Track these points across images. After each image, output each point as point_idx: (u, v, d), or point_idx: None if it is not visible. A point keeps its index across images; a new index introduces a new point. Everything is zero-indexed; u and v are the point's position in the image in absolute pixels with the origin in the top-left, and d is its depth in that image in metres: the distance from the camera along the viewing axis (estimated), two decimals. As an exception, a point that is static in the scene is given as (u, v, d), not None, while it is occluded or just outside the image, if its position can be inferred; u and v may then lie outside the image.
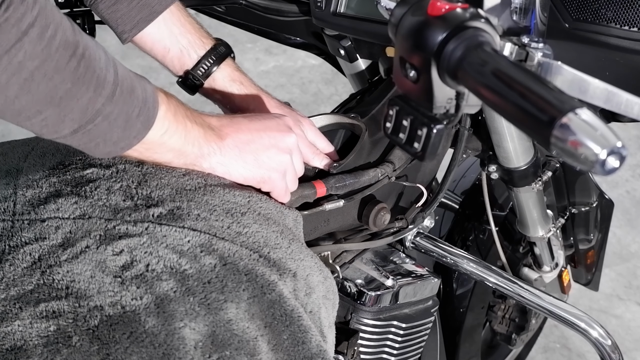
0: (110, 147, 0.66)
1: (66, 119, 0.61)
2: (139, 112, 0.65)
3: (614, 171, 0.51)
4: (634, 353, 2.04)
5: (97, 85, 0.61)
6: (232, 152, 0.76)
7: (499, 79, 0.56)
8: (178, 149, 0.72)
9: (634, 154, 2.71)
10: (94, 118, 0.62)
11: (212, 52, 0.90)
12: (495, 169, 1.09)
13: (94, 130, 0.63)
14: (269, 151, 0.78)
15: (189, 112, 0.73)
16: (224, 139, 0.76)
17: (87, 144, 0.64)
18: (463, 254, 1.13)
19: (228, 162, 0.76)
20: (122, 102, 0.64)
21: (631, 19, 0.84)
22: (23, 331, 0.61)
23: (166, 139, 0.70)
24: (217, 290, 0.66)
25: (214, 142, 0.75)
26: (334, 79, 2.99)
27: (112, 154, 0.67)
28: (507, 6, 0.78)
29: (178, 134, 0.71)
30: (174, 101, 0.71)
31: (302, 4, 1.12)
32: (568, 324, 1.11)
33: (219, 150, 0.75)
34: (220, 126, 0.76)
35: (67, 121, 0.61)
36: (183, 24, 0.88)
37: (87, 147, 0.65)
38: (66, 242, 0.66)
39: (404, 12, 0.62)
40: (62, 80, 0.59)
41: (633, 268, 2.31)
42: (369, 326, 1.03)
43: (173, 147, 0.71)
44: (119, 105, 0.63)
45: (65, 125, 0.61)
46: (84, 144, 0.65)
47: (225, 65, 0.91)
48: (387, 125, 0.67)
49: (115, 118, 0.63)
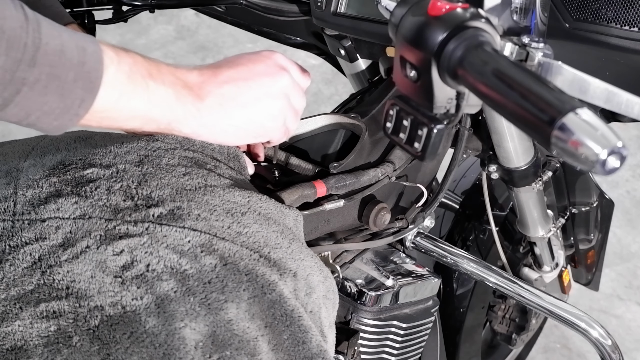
0: (56, 120, 0.60)
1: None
2: (74, 77, 0.59)
3: (615, 171, 0.51)
4: (634, 353, 2.04)
5: (8, 48, 0.54)
6: (215, 113, 0.69)
7: (500, 78, 0.56)
8: (142, 114, 0.65)
9: (634, 154, 2.71)
10: (19, 89, 0.56)
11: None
12: (496, 169, 1.09)
13: (24, 102, 0.57)
14: (261, 102, 0.72)
15: (156, 69, 0.66)
16: (204, 98, 0.69)
17: (26, 118, 0.59)
18: (463, 254, 1.14)
19: (212, 124, 0.70)
20: (49, 65, 0.57)
21: (631, 19, 0.84)
22: (23, 331, 0.61)
23: (123, 105, 0.63)
24: (217, 290, 0.66)
25: (189, 104, 0.68)
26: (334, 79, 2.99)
27: (65, 127, 0.61)
28: (507, 6, 0.78)
29: (138, 97, 0.64)
30: (129, 59, 0.64)
31: (302, 4, 1.12)
32: (568, 324, 1.11)
33: (197, 113, 0.68)
34: (201, 83, 0.69)
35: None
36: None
37: (32, 123, 0.59)
38: (66, 242, 0.66)
39: (404, 12, 0.62)
40: None
41: (633, 268, 2.31)
42: (369, 326, 1.03)
43: (136, 113, 0.65)
44: (45, 69, 0.56)
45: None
46: (24, 120, 0.59)
47: None
48: (387, 125, 0.67)
49: (44, 85, 0.57)
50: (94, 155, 0.73)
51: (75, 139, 0.77)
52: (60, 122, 0.60)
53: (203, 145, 0.79)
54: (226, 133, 0.72)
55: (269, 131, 0.75)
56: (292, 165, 0.92)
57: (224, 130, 0.71)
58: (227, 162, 0.80)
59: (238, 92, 0.71)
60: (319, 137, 0.96)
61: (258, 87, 0.72)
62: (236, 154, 0.82)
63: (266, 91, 0.73)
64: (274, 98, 0.73)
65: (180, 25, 3.32)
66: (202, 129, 0.70)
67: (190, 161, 0.75)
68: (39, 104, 0.58)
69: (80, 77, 0.59)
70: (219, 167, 0.77)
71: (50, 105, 0.58)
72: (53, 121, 0.60)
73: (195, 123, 0.69)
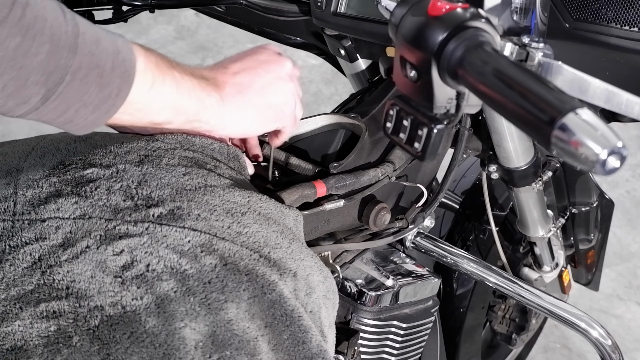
0: (93, 113, 0.60)
1: (29, 82, 0.54)
2: (112, 65, 0.59)
3: (615, 171, 0.51)
4: (634, 353, 2.04)
5: (52, 35, 0.54)
6: (236, 100, 0.71)
7: (500, 79, 0.56)
8: (172, 104, 0.66)
9: (634, 154, 2.71)
10: (62, 77, 0.56)
11: None
12: (496, 169, 1.09)
13: (66, 92, 0.56)
14: (274, 86, 0.74)
15: (175, 64, 0.67)
16: (223, 87, 0.70)
17: (65, 112, 0.58)
18: (463, 254, 1.14)
19: (236, 111, 0.71)
20: (89, 53, 0.57)
21: (631, 19, 0.84)
22: (23, 331, 0.61)
23: (155, 94, 0.64)
24: (217, 290, 0.66)
25: (213, 92, 0.69)
26: (334, 79, 2.99)
27: (99, 122, 0.60)
28: (507, 6, 0.78)
29: (168, 87, 0.65)
30: (153, 53, 0.65)
31: (302, 4, 1.12)
32: (568, 324, 1.11)
33: (221, 101, 0.70)
34: (215, 75, 0.71)
35: (31, 85, 0.54)
36: None
37: (69, 119, 0.59)
38: (66, 242, 0.66)
39: (405, 12, 0.62)
40: (8, 33, 0.52)
41: (633, 268, 2.31)
42: (369, 326, 1.03)
43: (166, 103, 0.65)
44: (86, 57, 0.57)
45: (31, 91, 0.55)
46: (63, 115, 0.58)
47: None
48: (387, 125, 0.67)
49: (85, 74, 0.57)
50: (94, 155, 0.73)
51: (75, 139, 0.77)
52: (98, 114, 0.60)
53: (203, 145, 0.79)
54: (249, 119, 0.73)
55: (284, 116, 0.76)
56: (292, 165, 0.92)
57: (246, 117, 0.72)
58: (227, 162, 0.80)
59: (251, 79, 0.72)
60: (319, 137, 0.96)
61: (267, 73, 0.74)
62: (236, 154, 0.82)
63: (276, 75, 0.74)
64: (284, 81, 0.75)
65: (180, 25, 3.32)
66: (227, 118, 0.71)
67: (190, 161, 0.75)
68: (80, 94, 0.57)
69: (117, 65, 0.59)
70: (219, 167, 0.77)
71: (90, 96, 0.58)
72: (90, 114, 0.59)
73: (221, 111, 0.70)
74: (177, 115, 0.68)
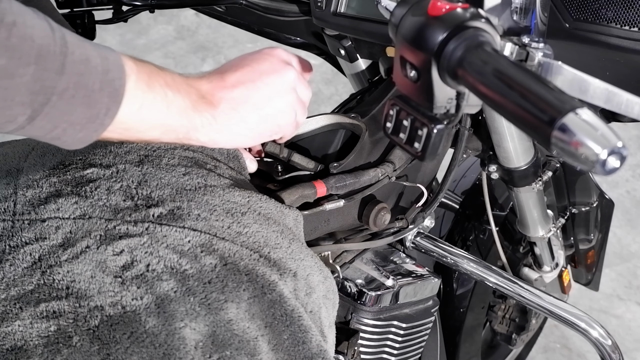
0: (81, 132, 0.59)
1: (14, 103, 0.53)
2: (100, 85, 0.58)
3: (615, 171, 0.51)
4: (634, 353, 2.04)
5: (38, 56, 0.54)
6: (230, 118, 0.70)
7: (500, 79, 0.56)
8: (162, 123, 0.65)
9: (634, 154, 2.71)
10: (48, 98, 0.55)
11: None
12: (496, 169, 1.09)
13: (52, 112, 0.56)
14: (272, 100, 0.72)
15: (170, 79, 0.66)
16: (217, 105, 0.69)
17: (52, 131, 0.57)
18: (463, 254, 1.13)
19: (228, 130, 0.70)
20: (77, 74, 0.56)
21: (631, 19, 0.84)
22: (23, 331, 0.61)
23: (144, 114, 0.63)
24: (217, 290, 0.66)
25: (205, 112, 0.68)
26: (334, 79, 2.99)
27: (89, 140, 0.60)
28: (507, 6, 0.78)
29: (157, 107, 0.64)
30: (147, 69, 0.64)
31: (302, 4, 1.12)
32: (568, 324, 1.11)
33: (213, 120, 0.69)
34: (212, 89, 0.70)
35: (16, 106, 0.54)
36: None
37: (56, 136, 0.58)
38: (66, 242, 0.66)
39: (405, 12, 0.62)
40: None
41: (633, 268, 2.31)
42: (369, 326, 1.03)
43: (156, 123, 0.64)
44: (74, 77, 0.56)
45: (17, 111, 0.54)
46: (50, 133, 0.58)
47: None
48: (387, 125, 0.67)
49: (72, 95, 0.56)
50: (94, 155, 0.73)
51: (75, 139, 0.76)
52: (85, 133, 0.59)
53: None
54: (241, 136, 0.72)
55: (282, 128, 0.75)
56: (294, 162, 0.92)
57: (239, 134, 0.71)
58: (227, 162, 0.80)
59: (248, 94, 0.71)
60: (319, 137, 0.96)
61: (266, 86, 0.72)
62: (236, 154, 0.82)
63: (275, 89, 0.73)
64: (283, 94, 0.73)
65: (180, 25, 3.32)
66: (219, 136, 0.70)
67: (190, 161, 0.75)
68: (67, 114, 0.57)
69: (105, 85, 0.58)
70: (219, 167, 0.77)
71: (77, 116, 0.57)
72: (78, 132, 0.58)
73: (212, 130, 0.69)
74: (167, 134, 0.67)
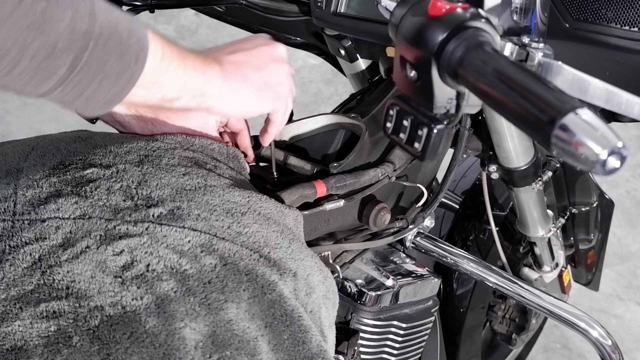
0: (115, 86, 0.60)
1: (57, 50, 0.54)
2: (128, 33, 0.60)
3: (615, 171, 0.51)
4: (635, 353, 2.04)
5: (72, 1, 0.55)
6: (235, 76, 0.73)
7: (500, 79, 0.56)
8: (181, 76, 0.67)
9: (634, 154, 2.71)
10: (87, 43, 0.56)
11: None
12: (496, 169, 1.09)
13: (90, 61, 0.57)
14: (270, 65, 0.76)
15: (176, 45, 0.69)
16: (222, 64, 0.73)
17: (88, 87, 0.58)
18: (463, 254, 1.13)
19: (235, 86, 0.73)
20: (106, 20, 0.58)
21: (631, 19, 0.84)
22: (23, 331, 0.61)
23: (166, 65, 0.65)
24: (217, 290, 0.66)
25: (215, 67, 0.71)
26: (334, 79, 2.99)
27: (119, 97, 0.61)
28: (507, 6, 0.78)
29: (176, 58, 0.66)
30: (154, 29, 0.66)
31: (302, 4, 1.12)
32: (568, 324, 1.11)
33: (222, 74, 0.72)
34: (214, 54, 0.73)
35: (58, 54, 0.54)
36: None
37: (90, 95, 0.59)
38: (66, 242, 0.66)
39: (405, 12, 0.62)
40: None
41: (633, 268, 2.31)
42: (369, 326, 1.03)
43: (176, 76, 0.67)
44: (105, 23, 0.57)
45: (59, 61, 0.55)
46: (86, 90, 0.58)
47: None
48: (387, 125, 0.67)
49: (106, 41, 0.57)
50: (94, 155, 0.73)
51: (75, 139, 0.77)
52: (118, 88, 0.60)
53: (203, 145, 0.79)
54: (247, 96, 0.74)
55: (280, 96, 0.78)
56: (290, 165, 0.92)
57: (245, 92, 0.74)
58: (227, 162, 0.80)
59: (247, 58, 0.75)
60: (319, 137, 0.96)
61: (262, 54, 0.76)
62: (235, 154, 0.82)
63: (270, 56, 0.77)
64: (278, 62, 0.77)
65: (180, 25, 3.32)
66: (227, 92, 0.72)
67: (190, 161, 0.75)
68: (103, 62, 0.58)
69: (132, 33, 0.60)
70: (219, 167, 0.77)
71: (111, 65, 0.58)
72: (112, 87, 0.60)
73: (222, 84, 0.72)
74: (185, 89, 0.69)
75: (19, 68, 0.54)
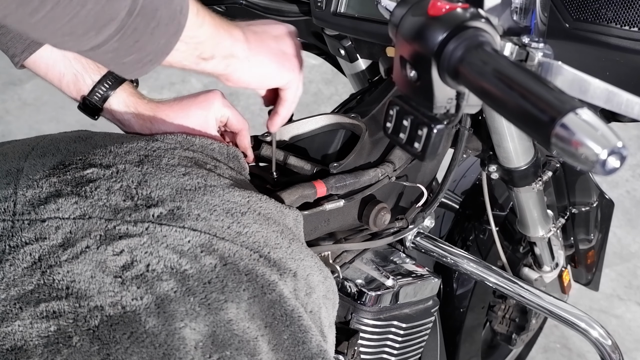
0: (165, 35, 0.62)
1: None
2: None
3: (615, 171, 0.51)
4: (635, 353, 2.04)
5: None
6: (256, 41, 0.77)
7: (500, 79, 0.56)
8: (214, 33, 0.70)
9: (634, 154, 2.71)
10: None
11: (107, 77, 0.84)
12: (496, 169, 1.09)
13: (146, 5, 0.59)
14: (285, 38, 0.80)
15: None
16: (244, 29, 0.76)
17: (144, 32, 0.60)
18: (463, 254, 1.13)
19: (257, 51, 0.76)
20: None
21: (631, 19, 0.84)
22: (23, 331, 0.61)
23: (201, 20, 0.68)
24: (217, 290, 0.66)
25: (238, 29, 0.75)
26: (334, 79, 2.99)
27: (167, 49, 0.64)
28: (507, 6, 0.78)
29: (208, 17, 0.69)
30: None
31: (302, 4, 1.12)
32: (568, 324, 1.11)
33: (245, 38, 0.75)
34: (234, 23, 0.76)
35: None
36: None
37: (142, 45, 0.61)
38: (66, 242, 0.66)
39: (404, 12, 0.62)
40: None
41: (633, 268, 2.31)
42: (369, 326, 1.03)
43: (210, 32, 0.70)
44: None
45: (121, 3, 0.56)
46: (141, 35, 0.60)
47: (121, 90, 0.84)
48: (387, 125, 0.67)
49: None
50: (94, 155, 0.73)
51: (75, 139, 0.77)
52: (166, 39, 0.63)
53: (203, 145, 0.79)
54: (267, 62, 0.77)
55: (296, 68, 0.80)
56: (290, 165, 0.92)
57: (266, 57, 0.77)
58: (227, 162, 0.80)
59: (264, 28, 0.79)
60: (319, 137, 0.96)
61: (276, 28, 0.80)
62: (236, 154, 0.82)
63: (283, 31, 0.80)
64: (291, 37, 0.81)
65: (180, 25, 3.31)
66: (252, 55, 0.75)
67: (190, 161, 0.75)
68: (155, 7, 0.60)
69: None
70: (219, 167, 0.77)
71: (162, 11, 0.61)
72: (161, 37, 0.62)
73: (247, 48, 0.75)
74: (217, 48, 0.71)
75: (85, 10, 0.54)
